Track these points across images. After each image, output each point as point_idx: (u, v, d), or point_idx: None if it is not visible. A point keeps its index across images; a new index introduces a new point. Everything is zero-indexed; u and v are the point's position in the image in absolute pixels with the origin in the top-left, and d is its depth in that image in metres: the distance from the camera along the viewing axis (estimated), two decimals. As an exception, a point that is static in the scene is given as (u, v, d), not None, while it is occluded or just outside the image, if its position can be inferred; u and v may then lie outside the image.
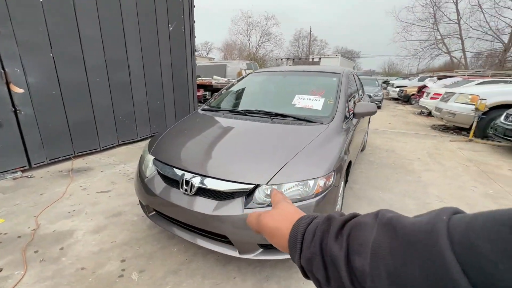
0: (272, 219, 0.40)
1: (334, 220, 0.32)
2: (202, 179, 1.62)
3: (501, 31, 20.67)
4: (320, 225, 0.33)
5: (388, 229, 0.25)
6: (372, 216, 0.29)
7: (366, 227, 0.27)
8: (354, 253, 0.26)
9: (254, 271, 1.74)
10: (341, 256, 0.27)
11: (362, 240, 0.26)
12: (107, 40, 3.98)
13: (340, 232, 0.30)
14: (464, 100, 5.84)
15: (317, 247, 0.31)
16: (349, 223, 0.30)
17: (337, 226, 0.30)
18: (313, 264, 0.31)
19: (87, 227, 2.20)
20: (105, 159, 3.87)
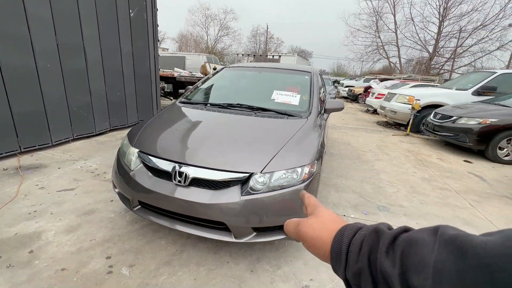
0: (312, 229, 0.39)
1: (383, 233, 0.30)
2: (196, 170, 1.66)
3: (427, 42, 24.28)
4: (367, 237, 0.31)
5: (454, 248, 0.23)
6: (430, 233, 0.27)
7: (423, 245, 0.25)
8: (412, 272, 0.25)
9: (245, 254, 1.86)
10: (394, 274, 0.26)
11: (420, 259, 0.25)
12: (59, 21, 3.54)
13: (391, 247, 0.28)
14: (403, 100, 6.80)
15: (365, 261, 0.30)
16: (402, 238, 0.28)
17: (387, 241, 0.29)
18: (361, 279, 0.30)
19: (57, 228, 2.02)
20: (60, 155, 3.48)
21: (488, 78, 6.12)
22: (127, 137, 2.12)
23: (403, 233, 0.30)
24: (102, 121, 4.50)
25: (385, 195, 2.97)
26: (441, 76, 21.75)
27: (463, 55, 23.00)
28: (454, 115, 4.97)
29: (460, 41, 22.53)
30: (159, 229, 2.07)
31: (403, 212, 2.61)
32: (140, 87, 5.23)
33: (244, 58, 17.87)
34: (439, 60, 24.41)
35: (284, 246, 1.97)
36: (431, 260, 0.24)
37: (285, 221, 1.52)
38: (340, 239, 0.34)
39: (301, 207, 1.59)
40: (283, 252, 1.91)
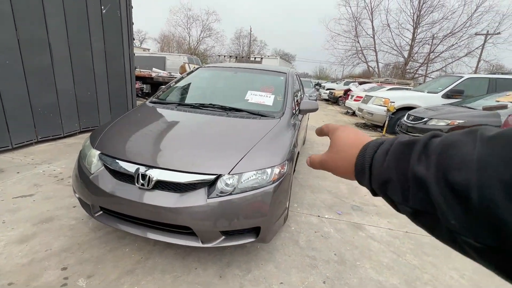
0: (333, 160, 0.42)
1: (412, 142, 0.31)
2: (160, 172, 1.58)
3: (403, 48, 25.46)
4: (394, 149, 0.32)
5: (499, 142, 0.23)
6: (467, 134, 0.26)
7: (463, 145, 0.25)
8: (452, 169, 0.25)
9: (215, 259, 1.79)
10: (430, 176, 0.26)
11: (462, 157, 0.25)
12: (20, 15, 3.30)
13: (423, 153, 0.29)
14: (379, 102, 7.03)
15: (392, 171, 0.31)
16: (437, 143, 0.28)
17: (419, 147, 0.29)
18: (388, 187, 0.32)
19: (9, 238, 1.84)
20: (21, 159, 3.23)
21: (456, 82, 6.47)
22: (89, 138, 1.99)
23: (433, 138, 0.30)
24: (71, 122, 4.24)
25: (360, 195, 3.01)
26: (416, 80, 22.85)
27: (435, 61, 24.38)
28: (425, 117, 5.19)
29: (432, 47, 23.84)
30: (125, 235, 1.95)
31: (375, 211, 2.65)
32: (114, 86, 5.00)
33: (226, 59, 17.74)
34: (413, 65, 25.66)
35: (256, 249, 1.92)
36: (473, 156, 0.24)
37: (255, 223, 1.46)
38: (362, 157, 0.36)
39: (272, 208, 1.55)
40: (254, 255, 1.86)
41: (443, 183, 0.25)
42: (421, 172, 0.28)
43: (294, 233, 2.16)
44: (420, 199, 0.28)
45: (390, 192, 0.32)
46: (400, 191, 0.30)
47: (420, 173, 0.28)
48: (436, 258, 2.01)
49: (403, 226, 2.41)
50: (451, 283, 1.78)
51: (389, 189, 0.32)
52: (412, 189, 0.29)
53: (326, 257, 1.91)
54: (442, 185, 0.25)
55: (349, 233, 2.25)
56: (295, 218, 2.38)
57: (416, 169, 0.28)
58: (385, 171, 0.32)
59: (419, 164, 0.28)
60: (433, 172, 0.26)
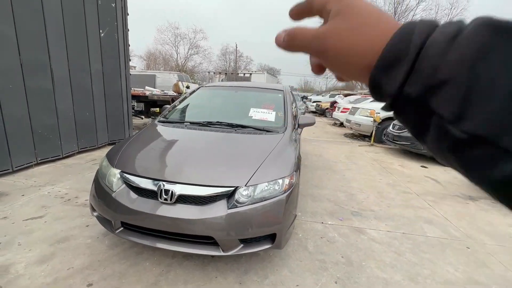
0: (346, 36, 0.25)
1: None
2: (182, 187, 1.71)
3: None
4: (471, 35, 0.19)
5: None
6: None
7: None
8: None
9: (232, 268, 1.90)
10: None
11: None
12: (24, 40, 3.40)
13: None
14: (365, 113, 7.44)
15: (465, 68, 0.19)
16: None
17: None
18: (441, 92, 0.20)
19: (28, 259, 1.88)
20: (23, 181, 3.22)
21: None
22: (106, 158, 2.09)
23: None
24: (70, 143, 4.26)
25: (357, 201, 3.21)
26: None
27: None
28: (409, 126, 5.57)
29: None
30: (142, 250, 2.02)
31: (373, 216, 2.85)
32: (111, 106, 5.08)
33: (216, 76, 18.17)
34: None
35: (269, 256, 2.04)
36: None
37: (271, 230, 1.61)
38: (405, 36, 0.22)
39: (285, 216, 1.70)
40: (269, 262, 1.98)
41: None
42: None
43: (302, 239, 2.31)
44: (500, 120, 0.17)
45: (439, 100, 0.20)
46: (461, 103, 0.19)
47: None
48: (433, 255, 2.20)
49: (400, 228, 2.60)
50: (448, 276, 1.96)
51: (440, 96, 0.20)
52: (495, 104, 0.17)
53: (334, 260, 2.06)
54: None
55: (352, 236, 2.41)
56: (301, 226, 2.53)
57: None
58: (449, 65, 0.20)
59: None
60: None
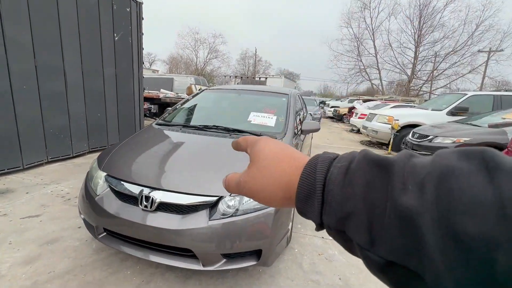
0: (254, 182, 0.31)
1: (388, 164, 0.23)
2: (163, 194, 1.61)
3: (406, 66, 25.82)
4: (359, 169, 0.24)
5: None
6: (466, 159, 0.19)
7: (468, 176, 0.18)
8: (459, 212, 0.17)
9: (216, 283, 1.77)
10: (426, 216, 0.19)
11: (471, 196, 0.17)
12: (39, 44, 3.55)
13: (411, 178, 0.21)
14: (383, 120, 7.04)
15: (359, 202, 0.22)
16: (428, 167, 0.20)
17: (401, 170, 0.21)
18: (349, 223, 0.23)
19: (14, 259, 1.87)
20: (30, 179, 3.32)
21: (460, 99, 6.48)
22: (97, 160, 2.06)
23: (413, 158, 0.22)
24: (80, 142, 4.38)
25: (365, 215, 2.95)
26: (421, 97, 22.93)
27: (439, 78, 24.53)
28: (431, 135, 5.16)
29: (435, 65, 24.10)
30: (127, 257, 1.95)
31: (381, 233, 2.59)
32: (123, 108, 5.19)
33: (232, 80, 18.28)
34: (417, 82, 25.86)
35: (258, 272, 1.89)
36: (489, 196, 0.17)
37: (256, 246, 1.45)
38: (310, 176, 0.26)
39: (273, 230, 1.54)
40: (257, 279, 1.83)
41: (446, 230, 0.17)
42: (410, 206, 0.19)
43: (298, 255, 2.12)
44: (401, 246, 0.20)
45: (351, 230, 0.23)
46: (368, 231, 0.22)
47: (408, 207, 0.20)
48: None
49: (411, 249, 2.33)
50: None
51: (350, 226, 0.23)
52: (389, 230, 0.20)
53: (330, 282, 1.86)
54: (444, 233, 0.17)
55: (354, 256, 2.18)
56: (298, 240, 2.34)
57: (402, 201, 0.20)
58: (349, 199, 0.23)
59: (405, 194, 0.20)
60: (431, 210, 0.18)
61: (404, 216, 0.20)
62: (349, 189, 0.24)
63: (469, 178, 0.18)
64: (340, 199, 0.24)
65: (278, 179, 0.29)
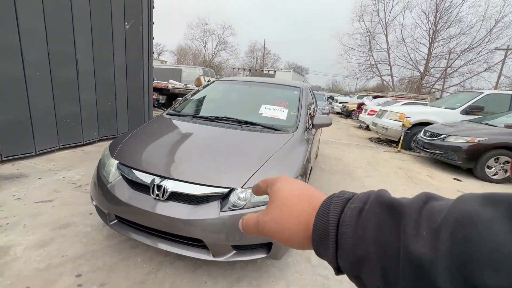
0: (275, 221, 0.30)
1: (400, 206, 0.22)
2: (175, 183, 1.61)
3: (418, 62, 25.13)
4: (371, 211, 0.23)
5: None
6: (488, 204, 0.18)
7: (490, 224, 0.17)
8: (479, 265, 0.16)
9: (225, 274, 1.77)
10: (441, 265, 0.17)
11: (494, 247, 0.16)
12: (52, 31, 3.55)
13: (424, 225, 0.20)
14: (394, 117, 6.90)
15: (371, 246, 0.22)
16: (444, 213, 0.19)
17: (414, 215, 0.21)
18: (363, 267, 0.22)
19: (28, 242, 1.91)
20: (43, 165, 3.38)
21: (475, 98, 6.28)
22: (109, 147, 2.07)
23: (429, 202, 0.21)
24: (91, 131, 4.43)
25: (374, 212, 2.92)
26: (432, 95, 22.37)
27: (453, 76, 23.82)
28: (443, 133, 5.03)
29: (450, 62, 23.39)
30: (137, 245, 1.98)
31: (391, 231, 2.55)
32: (132, 98, 5.21)
33: (240, 72, 18.16)
34: (430, 79, 25.19)
35: (266, 265, 1.89)
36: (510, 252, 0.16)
37: (264, 238, 1.43)
38: (323, 217, 0.26)
39: None
40: (265, 271, 1.83)
41: (462, 283, 0.16)
42: (423, 254, 0.19)
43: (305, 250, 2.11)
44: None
45: (366, 274, 0.22)
46: (382, 277, 0.21)
47: (421, 255, 0.19)
48: None
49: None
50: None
51: (365, 271, 0.22)
52: (404, 277, 0.19)
53: (339, 277, 1.84)
54: (460, 286, 0.16)
55: None
56: (307, 235, 2.33)
57: (414, 248, 0.19)
58: (361, 243, 0.23)
59: (417, 240, 0.19)
60: (445, 259, 0.17)
61: (417, 264, 0.19)
62: (360, 232, 0.23)
63: (490, 226, 0.17)
64: (352, 242, 0.23)
65: (297, 218, 0.29)
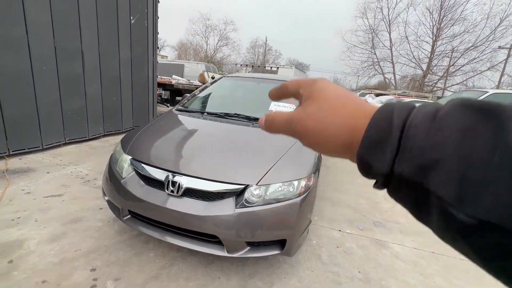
0: (317, 120, 0.27)
1: (495, 108, 0.19)
2: (189, 179, 1.61)
3: (421, 60, 25.01)
4: (451, 115, 0.20)
5: None
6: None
7: None
8: None
9: (237, 270, 1.79)
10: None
11: None
12: (58, 25, 3.53)
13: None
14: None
15: (450, 148, 0.19)
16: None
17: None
18: (434, 172, 0.19)
19: (41, 236, 1.92)
20: (50, 159, 3.39)
21: (480, 97, 6.26)
22: (120, 143, 2.06)
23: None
24: (96, 125, 4.42)
25: (381, 210, 2.93)
26: (434, 93, 22.29)
27: (456, 74, 23.71)
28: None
29: (453, 60, 23.27)
30: (149, 240, 1.99)
31: (399, 229, 2.57)
32: (137, 93, 5.19)
33: (242, 68, 18.07)
34: (432, 77, 25.09)
35: (278, 261, 1.90)
36: None
37: (281, 235, 1.44)
38: (385, 119, 0.23)
39: (298, 221, 1.52)
40: (277, 268, 1.84)
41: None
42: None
43: (316, 247, 2.13)
44: (509, 205, 0.16)
45: (435, 181, 0.19)
46: (458, 184, 0.18)
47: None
48: (467, 283, 1.91)
49: (429, 246, 2.31)
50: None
51: (434, 176, 0.19)
52: (494, 184, 0.17)
53: (350, 274, 1.86)
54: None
55: (373, 250, 2.18)
56: (316, 232, 2.34)
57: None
58: (435, 145, 0.20)
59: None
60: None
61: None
62: (437, 135, 0.20)
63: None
64: (424, 146, 0.21)
65: (343, 120, 0.26)
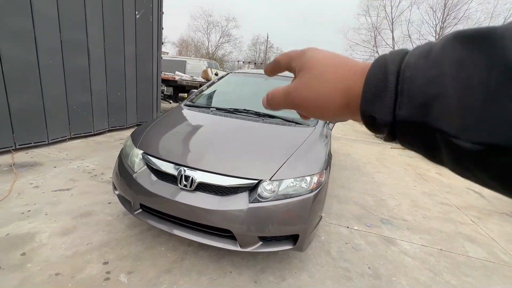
0: (311, 88, 0.28)
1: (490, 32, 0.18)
2: (202, 174, 1.62)
3: (423, 59, 24.86)
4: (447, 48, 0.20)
5: None
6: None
7: None
8: None
9: (248, 264, 1.80)
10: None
11: None
12: (65, 19, 3.51)
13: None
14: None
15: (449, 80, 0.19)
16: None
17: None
18: (434, 108, 0.19)
19: (52, 229, 1.93)
20: (56, 154, 3.39)
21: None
22: (131, 138, 2.06)
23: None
24: (101, 121, 4.42)
25: (388, 208, 2.94)
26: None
27: (458, 73, 23.59)
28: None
29: (455, 59, 23.14)
30: (159, 234, 1.99)
31: (406, 226, 2.58)
32: (142, 88, 5.18)
33: (245, 65, 18.05)
34: (434, 77, 24.97)
35: (288, 257, 1.91)
36: None
37: (293, 231, 1.44)
38: (379, 72, 0.23)
39: (310, 217, 1.52)
40: (287, 263, 1.85)
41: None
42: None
43: (325, 243, 2.14)
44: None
45: (436, 116, 0.19)
46: (460, 114, 0.18)
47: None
48: (476, 279, 1.92)
49: (437, 244, 2.32)
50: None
51: (435, 112, 0.19)
52: (494, 106, 0.16)
53: (360, 270, 1.87)
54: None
55: (381, 246, 2.19)
56: (324, 228, 2.35)
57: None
58: (432, 81, 0.19)
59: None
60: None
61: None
62: (433, 71, 0.20)
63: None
64: (422, 83, 0.20)
65: (336, 84, 0.26)
